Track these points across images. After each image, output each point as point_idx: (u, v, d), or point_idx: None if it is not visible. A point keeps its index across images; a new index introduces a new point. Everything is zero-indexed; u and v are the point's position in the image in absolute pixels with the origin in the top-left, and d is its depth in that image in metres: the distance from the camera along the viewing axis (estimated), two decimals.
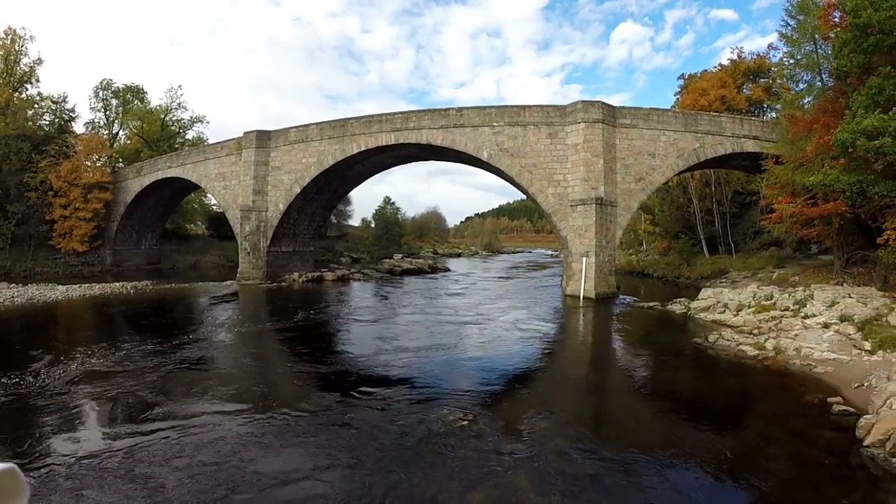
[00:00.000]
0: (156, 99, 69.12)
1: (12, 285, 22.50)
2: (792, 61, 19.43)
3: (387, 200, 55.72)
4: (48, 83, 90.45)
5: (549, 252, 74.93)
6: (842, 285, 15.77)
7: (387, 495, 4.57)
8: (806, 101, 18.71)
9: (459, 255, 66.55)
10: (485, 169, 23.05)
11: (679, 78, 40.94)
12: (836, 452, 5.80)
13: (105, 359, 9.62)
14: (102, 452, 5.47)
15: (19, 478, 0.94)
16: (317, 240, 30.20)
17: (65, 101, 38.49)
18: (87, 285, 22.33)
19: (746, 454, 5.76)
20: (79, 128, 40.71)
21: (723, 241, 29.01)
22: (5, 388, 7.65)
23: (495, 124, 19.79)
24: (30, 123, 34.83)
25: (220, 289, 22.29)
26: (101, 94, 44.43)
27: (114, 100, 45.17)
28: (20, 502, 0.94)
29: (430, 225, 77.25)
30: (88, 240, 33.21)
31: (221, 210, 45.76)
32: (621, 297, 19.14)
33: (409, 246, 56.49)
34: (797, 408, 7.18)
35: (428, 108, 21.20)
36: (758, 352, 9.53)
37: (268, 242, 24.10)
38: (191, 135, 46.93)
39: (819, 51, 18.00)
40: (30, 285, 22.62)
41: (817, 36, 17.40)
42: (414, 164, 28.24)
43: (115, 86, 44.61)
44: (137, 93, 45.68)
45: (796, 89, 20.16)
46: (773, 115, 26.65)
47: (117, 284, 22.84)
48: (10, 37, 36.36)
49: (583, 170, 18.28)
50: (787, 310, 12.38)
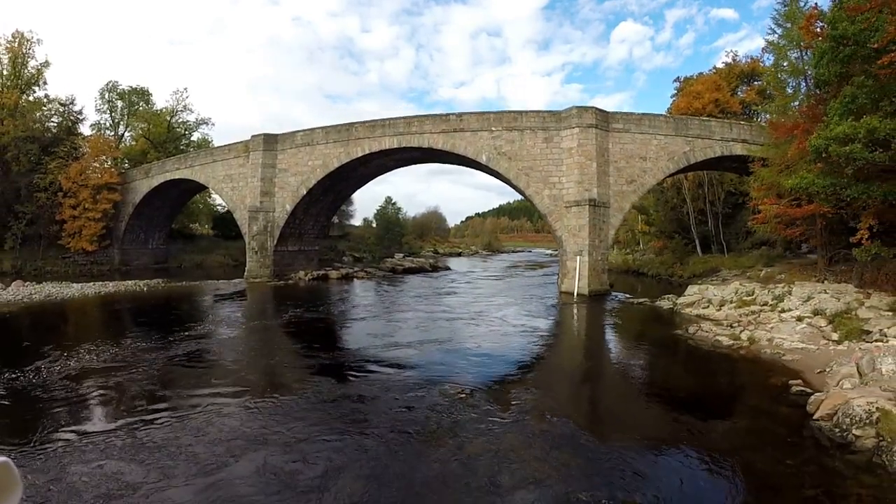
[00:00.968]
0: (160, 100, 69.94)
1: (27, 283, 23.25)
2: (781, 66, 20.27)
3: (388, 201, 56.63)
4: (49, 83, 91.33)
5: (549, 251, 75.66)
6: (823, 282, 16.59)
7: (396, 448, 5.42)
8: (794, 104, 19.52)
9: (460, 255, 67.37)
10: (483, 171, 23.90)
11: (675, 80, 41.68)
12: (789, 425, 6.62)
13: (126, 349, 10.45)
14: (131, 426, 6.32)
15: (12, 471, 0.93)
16: (321, 239, 31.05)
17: (72, 103, 39.29)
18: (100, 283, 23.16)
19: (711, 427, 6.61)
20: (84, 129, 41.64)
21: (715, 241, 29.82)
22: (38, 374, 8.48)
23: (494, 129, 20.67)
24: (38, 125, 35.63)
25: (229, 286, 23.15)
26: (106, 96, 45.27)
27: (119, 101, 45.94)
28: (13, 496, 0.93)
29: (431, 225, 78.06)
30: (97, 239, 33.99)
31: (226, 211, 46.85)
32: (614, 294, 20.02)
33: (409, 245, 57.33)
34: (762, 389, 8.02)
35: (429, 114, 21.99)
36: (733, 342, 10.39)
37: (275, 242, 25.00)
38: (196, 136, 47.94)
39: (805, 58, 18.82)
40: (44, 283, 23.37)
41: (802, 44, 18.22)
42: (415, 164, 29.09)
43: (120, 88, 45.45)
44: (142, 94, 46.42)
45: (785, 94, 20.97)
46: (768, 117, 27.44)
47: (130, 282, 23.67)
48: (17, 40, 37.17)
49: (577, 172, 19.15)
50: (765, 304, 13.22)
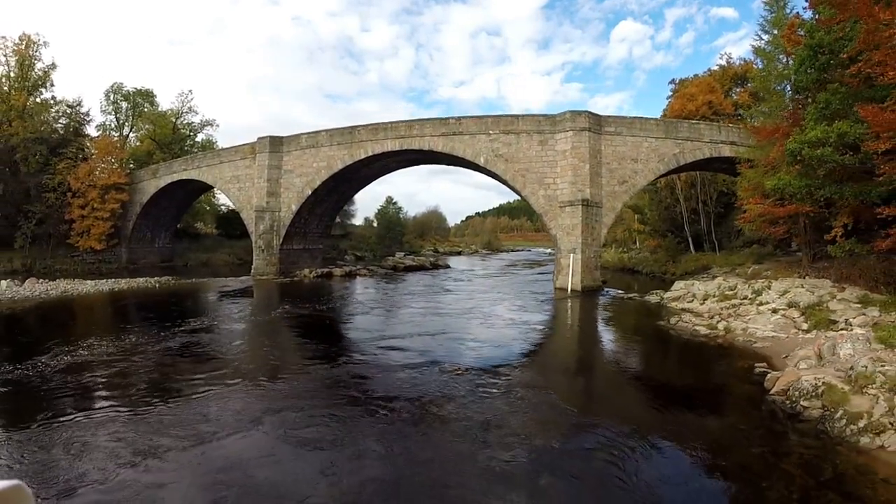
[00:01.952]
0: (164, 101, 70.83)
1: (41, 280, 24.09)
2: (767, 71, 21.12)
3: (389, 200, 57.49)
4: (55, 85, 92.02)
5: (548, 250, 76.39)
6: (804, 278, 17.47)
7: (397, 412, 6.32)
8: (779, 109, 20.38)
9: (460, 254, 68.21)
10: (482, 172, 24.79)
11: (670, 82, 42.54)
12: (748, 399, 7.53)
13: (146, 338, 11.31)
14: (160, 402, 7.22)
15: (26, 494, 0.91)
16: (324, 238, 31.95)
17: (79, 105, 40.13)
18: (113, 281, 24.03)
19: (678, 401, 7.50)
20: (90, 130, 42.43)
21: (708, 239, 30.68)
22: (64, 361, 9.36)
23: (491, 132, 21.58)
24: (46, 127, 36.41)
25: (237, 283, 24.05)
26: (111, 98, 46.09)
27: (124, 103, 46.73)
28: None
29: (431, 224, 78.84)
30: (106, 238, 34.80)
31: (230, 210, 47.75)
32: (606, 289, 20.95)
33: (410, 244, 58.17)
34: (729, 371, 8.93)
35: (429, 118, 22.90)
36: (710, 331, 11.30)
37: (280, 240, 25.92)
38: (200, 137, 48.81)
39: (790, 64, 19.68)
40: (58, 280, 24.20)
41: (786, 50, 19.08)
42: (416, 166, 29.99)
43: (125, 89, 46.26)
44: (147, 96, 47.18)
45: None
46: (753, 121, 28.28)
47: (141, 280, 24.55)
48: (24, 42, 37.98)
49: (570, 174, 20.05)
50: (745, 298, 14.10)
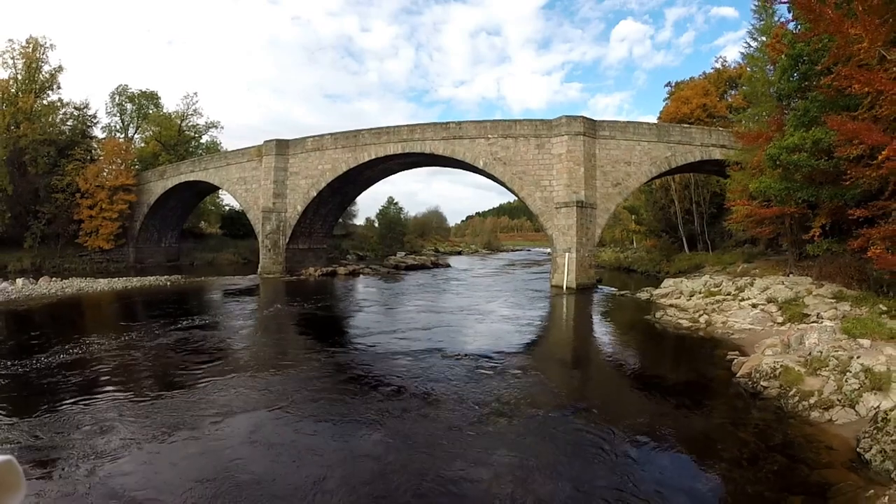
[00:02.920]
0: (167, 103, 71.58)
1: (54, 279, 24.91)
2: (755, 77, 21.94)
3: (390, 201, 58.29)
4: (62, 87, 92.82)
5: (547, 250, 77.08)
6: (788, 276, 18.30)
7: (400, 389, 7.16)
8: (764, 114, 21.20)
9: (460, 254, 69.01)
10: (481, 174, 25.63)
11: (666, 85, 43.42)
12: (718, 382, 8.37)
13: (161, 331, 12.16)
14: (178, 386, 8.06)
15: (16, 470, 0.92)
16: (328, 238, 32.80)
17: (87, 107, 40.97)
18: (125, 279, 24.88)
19: (657, 383, 8.33)
20: (96, 132, 43.19)
21: (701, 239, 31.51)
22: (86, 350, 10.22)
23: (490, 136, 22.43)
24: (54, 129, 37.14)
25: (244, 281, 24.90)
26: (116, 99, 46.96)
27: (129, 104, 47.63)
28: (17, 495, 0.92)
29: (432, 224, 79.56)
30: (114, 238, 35.69)
31: (234, 211, 48.56)
32: (601, 287, 21.81)
33: (411, 244, 58.95)
34: (704, 358, 9.77)
35: (430, 122, 23.71)
36: (691, 324, 12.15)
37: (287, 240, 26.78)
38: (205, 139, 49.63)
39: (775, 71, 20.50)
40: (71, 279, 25.02)
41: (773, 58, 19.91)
42: (417, 168, 30.85)
43: (130, 91, 47.10)
44: (151, 98, 48.04)
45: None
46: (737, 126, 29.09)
47: (152, 278, 25.40)
48: (31, 45, 38.76)
49: (566, 176, 20.89)
50: (729, 294, 14.94)
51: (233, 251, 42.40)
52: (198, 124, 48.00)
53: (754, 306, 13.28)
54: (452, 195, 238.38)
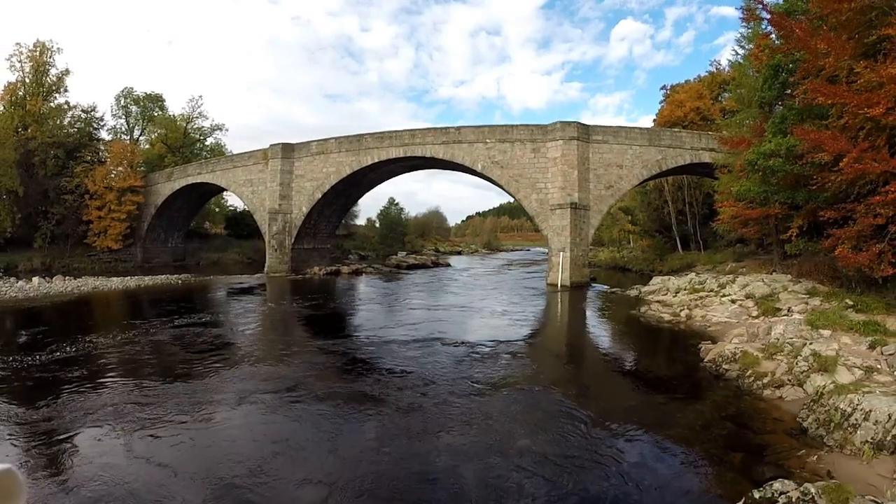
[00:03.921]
0: (171, 104, 72.43)
1: (67, 278, 25.83)
2: (741, 84, 22.89)
3: (391, 201, 59.27)
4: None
5: (546, 250, 78.01)
6: (771, 274, 19.25)
7: (408, 370, 8.12)
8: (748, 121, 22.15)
9: (460, 253, 69.91)
10: (479, 176, 26.59)
11: (661, 88, 44.37)
12: (687, 366, 9.31)
13: (176, 325, 13.11)
14: (173, 374, 9.02)
15: (16, 478, 0.92)
16: (332, 238, 33.76)
17: (94, 110, 41.85)
18: (137, 278, 25.80)
19: (635, 366, 9.30)
20: (102, 134, 43.99)
21: (694, 239, 32.43)
22: (111, 340, 11.18)
23: (488, 141, 23.41)
24: (62, 131, 37.94)
25: (252, 280, 25.87)
26: (122, 102, 47.85)
27: (134, 107, 48.50)
28: (17, 503, 0.92)
29: (432, 224, 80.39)
30: (122, 238, 36.58)
31: (238, 211, 49.50)
32: (594, 285, 22.79)
33: (412, 244, 59.85)
34: (680, 347, 10.74)
35: (431, 127, 24.70)
36: (673, 318, 13.11)
37: (292, 240, 27.76)
38: (209, 141, 50.56)
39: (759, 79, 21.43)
40: (84, 278, 25.91)
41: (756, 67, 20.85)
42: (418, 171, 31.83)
43: (135, 94, 47.98)
44: (156, 100, 48.88)
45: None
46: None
47: (163, 277, 26.32)
48: (38, 49, 39.65)
49: (560, 179, 21.85)
50: (711, 291, 15.89)
51: (237, 251, 43.30)
52: (203, 127, 48.92)
53: (733, 302, 14.22)
54: (452, 195, 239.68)
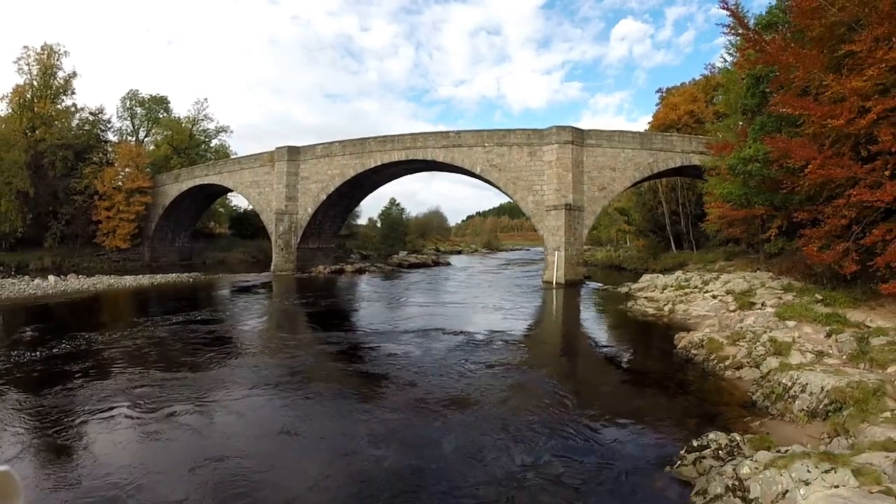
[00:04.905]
0: (173, 104, 73.35)
1: (81, 276, 26.77)
2: (728, 91, 23.87)
3: (392, 202, 60.30)
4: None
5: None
6: (756, 271, 20.24)
7: (410, 354, 9.14)
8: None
9: (460, 253, 70.94)
10: (478, 178, 27.62)
11: (657, 91, 45.35)
12: (662, 352, 10.34)
13: (192, 319, 14.14)
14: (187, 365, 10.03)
15: (14, 480, 0.93)
16: (335, 238, 34.80)
17: (101, 112, 42.84)
18: (150, 276, 26.78)
19: (616, 353, 10.31)
20: (109, 136, 44.91)
21: (686, 239, 33.39)
22: (133, 331, 12.19)
23: (486, 144, 24.44)
24: (70, 133, 38.80)
25: (259, 278, 26.90)
26: (127, 104, 48.84)
27: (139, 108, 49.52)
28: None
29: (433, 224, 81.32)
30: (130, 238, 37.52)
31: (243, 212, 50.48)
32: (588, 283, 23.83)
33: (412, 244, 60.83)
34: (659, 337, 11.76)
35: (432, 132, 25.76)
36: (657, 312, 14.13)
37: (298, 240, 28.82)
38: (214, 143, 51.55)
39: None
40: (97, 276, 26.86)
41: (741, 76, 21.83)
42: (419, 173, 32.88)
43: (140, 95, 48.95)
44: (161, 102, 49.88)
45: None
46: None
47: (173, 275, 27.31)
48: (46, 52, 40.59)
49: (556, 181, 22.88)
50: (695, 287, 16.89)
51: (242, 250, 44.23)
52: (208, 129, 49.91)
53: (714, 297, 15.22)
54: (452, 194, 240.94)
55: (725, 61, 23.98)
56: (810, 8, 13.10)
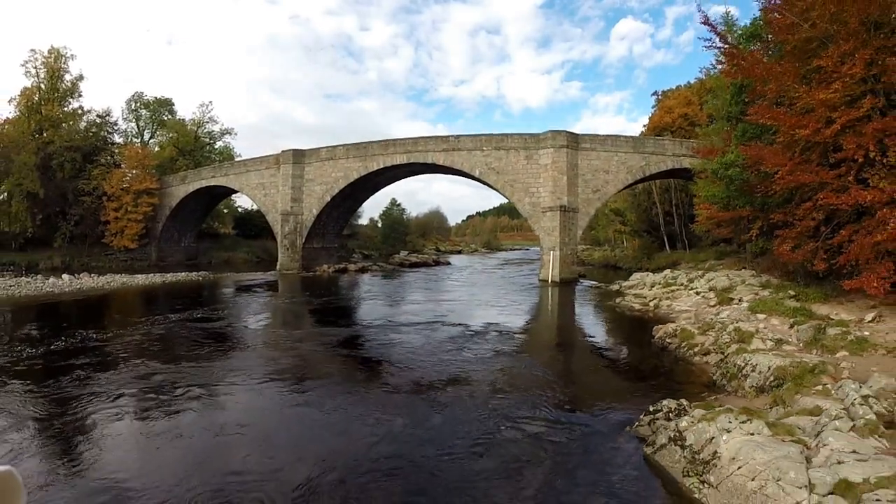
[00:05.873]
0: (176, 105, 74.24)
1: (93, 275, 27.75)
2: (715, 97, 24.88)
3: (393, 202, 61.29)
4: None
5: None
6: (741, 270, 21.24)
7: (412, 342, 10.16)
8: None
9: (460, 252, 71.91)
10: (477, 181, 28.64)
11: (653, 94, 46.34)
12: (641, 342, 11.34)
13: (206, 314, 15.18)
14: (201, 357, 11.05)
15: (16, 479, 0.94)
16: (339, 238, 35.83)
17: (108, 114, 43.78)
18: (160, 275, 27.74)
19: (602, 344, 11.33)
20: (115, 137, 45.76)
21: (680, 239, 34.42)
22: (153, 328, 13.20)
23: (485, 148, 25.48)
24: (78, 135, 39.69)
25: (266, 277, 27.92)
26: (132, 106, 49.82)
27: (144, 110, 50.51)
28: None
29: (433, 224, 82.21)
30: (138, 238, 38.47)
31: (247, 212, 51.44)
32: (582, 281, 24.86)
33: (413, 244, 61.80)
34: (641, 328, 12.77)
35: (433, 136, 26.75)
36: (642, 307, 15.15)
37: (303, 240, 29.85)
38: (219, 145, 52.49)
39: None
40: (109, 275, 27.77)
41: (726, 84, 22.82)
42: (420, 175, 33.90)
43: (145, 98, 49.92)
44: (166, 104, 50.89)
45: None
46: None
47: (182, 274, 28.28)
48: (53, 55, 41.49)
49: (551, 184, 23.90)
50: (681, 285, 17.90)
51: (246, 250, 45.13)
52: (213, 131, 50.85)
53: (697, 294, 16.23)
54: (452, 194, 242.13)
55: (714, 67, 24.96)
56: (785, 24, 14.12)
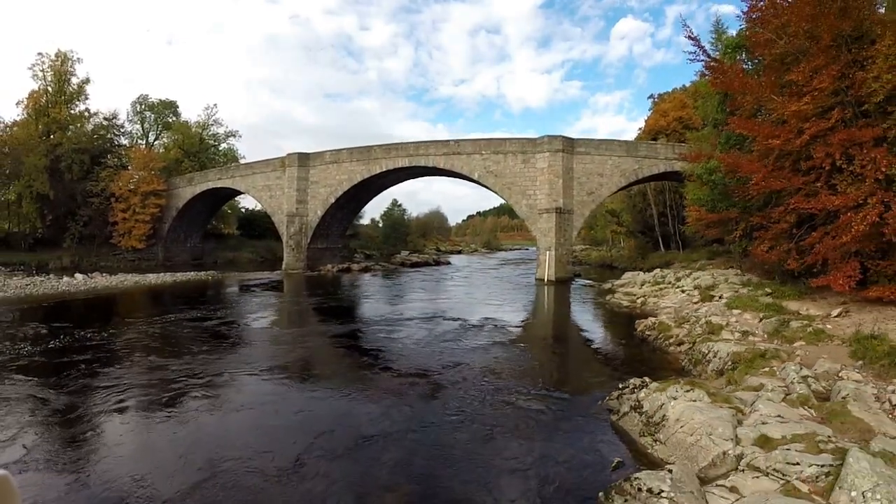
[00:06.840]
0: (180, 107, 75.10)
1: (104, 274, 28.71)
2: (704, 104, 25.87)
3: (394, 203, 62.34)
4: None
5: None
6: (729, 269, 22.23)
7: (413, 335, 11.18)
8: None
9: (460, 252, 72.86)
10: (476, 183, 29.67)
11: (649, 98, 47.34)
12: (624, 335, 12.35)
13: (221, 309, 16.21)
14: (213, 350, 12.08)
15: (11, 485, 0.95)
16: (342, 239, 36.87)
17: (115, 117, 44.77)
18: (170, 274, 28.70)
19: (589, 336, 12.34)
20: (121, 139, 46.68)
21: (674, 239, 35.39)
22: (168, 323, 14.22)
23: (483, 152, 26.52)
24: (86, 138, 40.47)
25: (272, 276, 28.93)
26: (137, 108, 50.78)
27: (149, 112, 51.46)
28: None
29: (433, 224, 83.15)
30: (145, 239, 39.42)
31: (251, 213, 52.44)
32: (577, 280, 25.90)
33: (414, 244, 62.81)
34: (626, 323, 13.78)
35: (433, 140, 27.80)
36: (630, 304, 16.17)
37: (308, 241, 30.89)
38: (223, 147, 53.44)
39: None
40: (120, 275, 28.69)
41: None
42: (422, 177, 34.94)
43: (150, 100, 50.88)
44: (170, 106, 51.82)
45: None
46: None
47: (191, 274, 29.26)
48: (60, 59, 42.41)
49: (547, 187, 24.93)
50: (669, 283, 18.91)
51: (251, 250, 46.12)
52: (217, 133, 51.83)
53: (683, 291, 17.23)
54: (452, 193, 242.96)
55: (705, 75, 25.91)
56: (763, 40, 15.16)
